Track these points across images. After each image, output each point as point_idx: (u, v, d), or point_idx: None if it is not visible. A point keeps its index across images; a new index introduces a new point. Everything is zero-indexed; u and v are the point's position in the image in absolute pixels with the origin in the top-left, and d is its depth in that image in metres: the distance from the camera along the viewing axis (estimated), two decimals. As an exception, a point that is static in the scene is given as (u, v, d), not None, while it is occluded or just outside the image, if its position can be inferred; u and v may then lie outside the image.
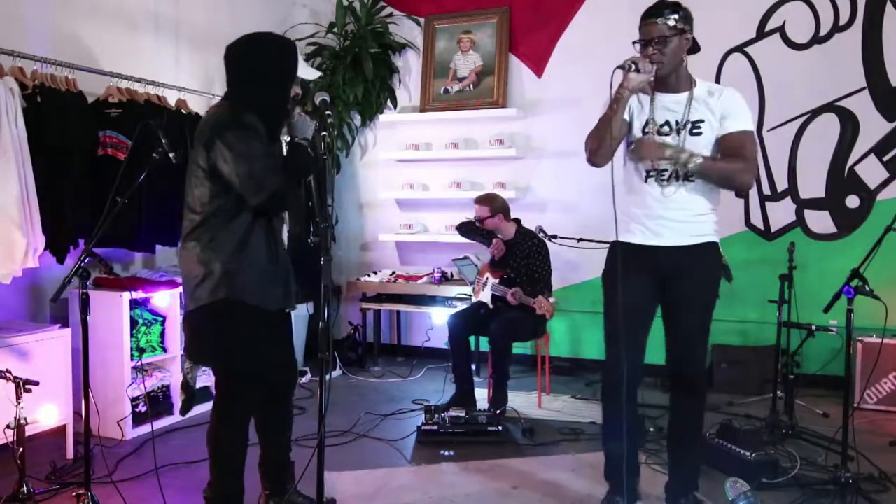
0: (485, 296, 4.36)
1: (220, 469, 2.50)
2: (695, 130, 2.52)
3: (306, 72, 2.51)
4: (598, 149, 2.50)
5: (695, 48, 2.56)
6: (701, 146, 2.50)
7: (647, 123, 2.55)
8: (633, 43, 2.53)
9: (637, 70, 2.41)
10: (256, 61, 2.39)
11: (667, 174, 2.54)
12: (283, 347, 2.60)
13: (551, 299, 4.08)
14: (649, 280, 2.60)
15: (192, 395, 2.59)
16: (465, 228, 4.71)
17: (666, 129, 2.54)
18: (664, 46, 2.44)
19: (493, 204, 4.37)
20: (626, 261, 2.53)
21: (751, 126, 2.54)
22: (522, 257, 4.25)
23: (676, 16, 2.45)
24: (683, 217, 2.54)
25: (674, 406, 2.75)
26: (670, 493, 2.76)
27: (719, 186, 2.56)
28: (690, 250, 2.55)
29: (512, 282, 4.21)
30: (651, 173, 2.55)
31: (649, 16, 2.48)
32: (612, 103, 2.45)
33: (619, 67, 2.43)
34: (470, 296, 4.71)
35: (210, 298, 2.35)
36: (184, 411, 2.55)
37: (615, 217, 2.56)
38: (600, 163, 2.54)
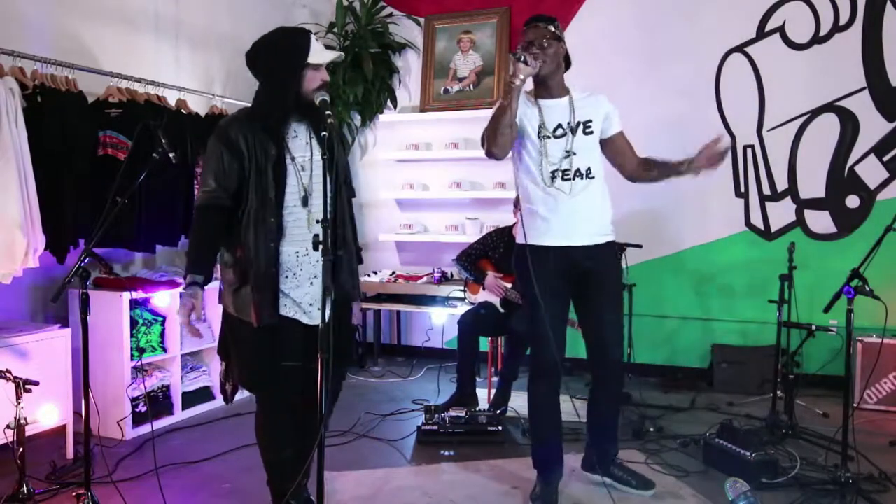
0: (486, 295, 4.32)
1: (264, 461, 2.55)
2: (587, 130, 2.74)
3: (320, 55, 2.38)
4: (496, 138, 2.59)
5: (567, 62, 2.80)
6: (591, 144, 2.75)
7: (540, 128, 2.71)
8: (519, 47, 2.69)
9: (525, 62, 2.53)
10: (257, 61, 2.39)
11: (571, 172, 2.70)
12: (285, 361, 2.38)
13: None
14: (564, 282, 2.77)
15: (226, 388, 2.62)
16: (466, 261, 4.35)
17: (560, 131, 2.72)
18: (547, 48, 2.67)
19: None
20: (543, 262, 2.68)
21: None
22: None
23: (554, 25, 2.74)
24: (591, 216, 2.75)
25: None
26: (591, 462, 3.03)
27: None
28: (602, 249, 2.78)
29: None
30: (555, 172, 2.70)
31: (533, 21, 2.73)
32: (506, 94, 2.55)
33: (514, 57, 2.56)
34: (464, 297, 4.63)
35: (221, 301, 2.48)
36: (226, 401, 2.63)
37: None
38: (500, 154, 2.65)
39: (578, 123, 2.73)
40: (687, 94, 4.93)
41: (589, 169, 2.73)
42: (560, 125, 2.72)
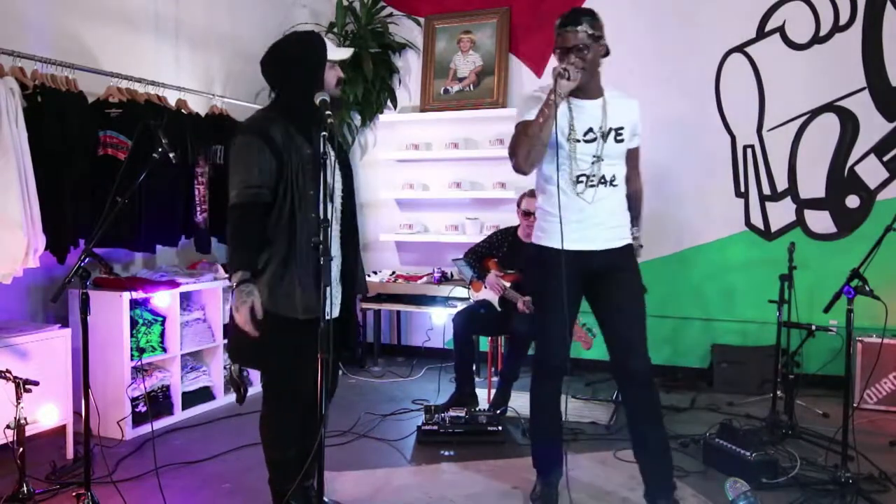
0: (486, 293, 4.32)
1: (267, 460, 2.56)
2: (618, 137, 2.61)
3: (337, 53, 2.48)
4: (529, 156, 2.51)
5: (606, 52, 2.60)
6: (620, 151, 2.63)
7: (570, 130, 2.55)
8: (554, 51, 2.56)
9: (568, 78, 2.41)
10: (277, 65, 2.43)
11: (595, 179, 2.60)
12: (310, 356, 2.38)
13: (589, 329, 3.92)
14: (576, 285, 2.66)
15: (239, 388, 2.64)
16: (472, 257, 4.39)
17: (590, 135, 2.58)
18: (586, 53, 2.48)
19: None
20: (558, 265, 2.54)
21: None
22: None
23: (594, 24, 2.52)
24: (610, 223, 2.65)
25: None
26: (649, 497, 2.71)
27: None
28: (620, 252, 2.67)
29: (522, 287, 4.17)
30: (581, 178, 2.59)
31: (568, 24, 2.50)
32: (544, 109, 2.44)
33: (557, 74, 2.43)
34: (468, 296, 4.65)
35: None
36: (240, 401, 2.65)
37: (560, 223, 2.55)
38: (529, 171, 2.58)
39: (610, 129, 2.58)
40: (687, 94, 4.93)
41: (614, 177, 2.62)
42: (591, 129, 2.56)
